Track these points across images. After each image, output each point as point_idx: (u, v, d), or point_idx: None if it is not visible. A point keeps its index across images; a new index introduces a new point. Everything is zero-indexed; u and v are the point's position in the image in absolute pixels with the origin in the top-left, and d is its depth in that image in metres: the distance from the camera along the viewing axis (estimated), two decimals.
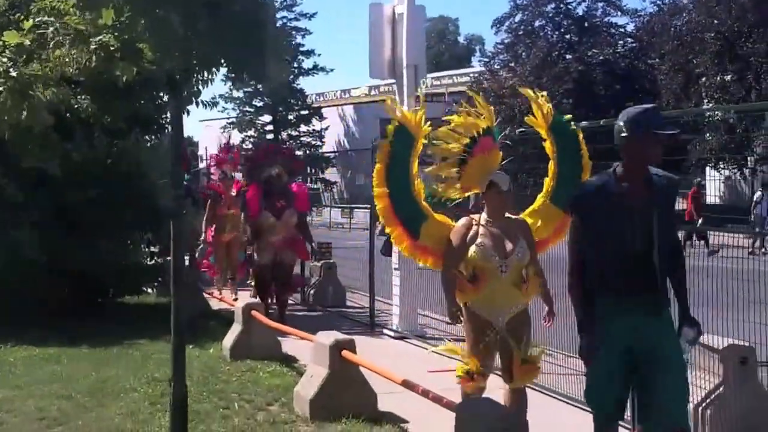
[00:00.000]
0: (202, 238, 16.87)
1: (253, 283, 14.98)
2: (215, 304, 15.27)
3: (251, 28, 5.88)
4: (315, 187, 53.45)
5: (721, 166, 38.23)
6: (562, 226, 7.26)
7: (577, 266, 5.67)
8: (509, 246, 6.93)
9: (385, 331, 12.98)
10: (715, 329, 7.36)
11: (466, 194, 7.47)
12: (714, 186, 39.35)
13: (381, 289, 14.03)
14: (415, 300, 12.99)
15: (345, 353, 8.21)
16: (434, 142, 7.30)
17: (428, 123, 7.35)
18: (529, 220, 7.34)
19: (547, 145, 7.50)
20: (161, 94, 14.22)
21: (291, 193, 14.14)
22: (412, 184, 7.26)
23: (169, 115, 14.71)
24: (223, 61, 6.12)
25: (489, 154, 7.18)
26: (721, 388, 7.19)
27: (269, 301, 13.96)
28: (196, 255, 16.78)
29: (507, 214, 7.12)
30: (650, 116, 5.51)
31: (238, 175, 16.81)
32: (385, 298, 13.93)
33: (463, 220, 7.15)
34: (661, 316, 5.55)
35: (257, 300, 12.91)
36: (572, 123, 7.59)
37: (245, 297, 14.09)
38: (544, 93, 7.58)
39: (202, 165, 26.91)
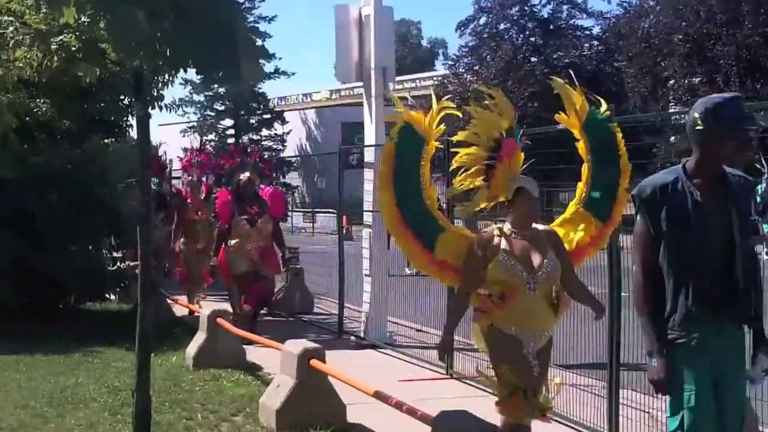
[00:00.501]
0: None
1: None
2: (179, 311, 15.08)
3: (221, 28, 5.76)
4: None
5: None
6: (599, 235, 6.75)
7: (645, 278, 5.00)
8: (537, 259, 6.22)
9: (354, 338, 12.85)
10: None
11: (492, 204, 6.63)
12: None
13: (349, 296, 13.90)
14: (386, 307, 12.88)
15: (313, 362, 8.07)
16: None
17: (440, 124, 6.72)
18: (561, 231, 6.65)
19: (581, 146, 6.80)
20: (123, 97, 14.07)
21: (263, 199, 13.53)
22: (424, 190, 6.52)
23: (131, 118, 14.65)
24: (191, 61, 5.99)
25: (513, 157, 6.47)
26: None
27: (238, 311, 13.24)
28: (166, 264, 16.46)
29: (534, 224, 6.40)
30: (732, 107, 4.88)
31: (207, 179, 16.56)
32: (354, 304, 13.81)
33: (484, 231, 6.45)
34: (741, 335, 5.01)
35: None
36: (611, 120, 6.85)
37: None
38: (576, 85, 6.81)
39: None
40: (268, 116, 60.42)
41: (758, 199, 24.76)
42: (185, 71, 6.12)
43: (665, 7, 39.33)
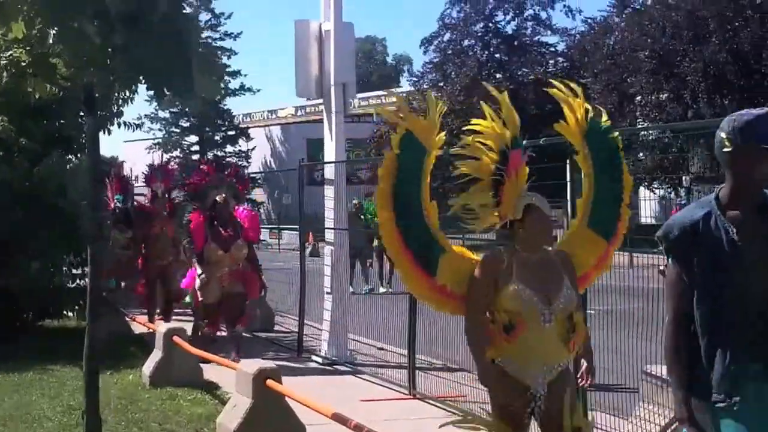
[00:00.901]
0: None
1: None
2: (137, 328, 14.95)
3: (174, 43, 5.72)
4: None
5: (656, 185, 38.78)
6: (605, 256, 6.11)
7: (676, 332, 4.35)
8: (553, 287, 5.53)
9: (314, 357, 12.78)
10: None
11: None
12: (648, 206, 39.92)
13: (311, 313, 13.83)
14: (347, 325, 12.82)
15: (270, 383, 7.99)
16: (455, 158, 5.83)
17: (442, 132, 5.99)
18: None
19: (580, 158, 6.14)
20: (82, 114, 13.98)
21: (238, 222, 12.83)
22: (426, 208, 5.77)
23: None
24: (142, 78, 5.94)
25: (520, 171, 5.76)
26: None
27: (215, 334, 12.97)
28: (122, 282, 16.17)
29: (545, 246, 5.75)
30: (763, 122, 4.22)
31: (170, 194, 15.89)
32: (316, 322, 13.73)
33: (490, 253, 5.78)
34: None
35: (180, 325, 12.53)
36: (612, 130, 6.23)
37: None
38: (578, 90, 6.10)
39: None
40: (233, 132, 60.39)
41: None
42: (136, 88, 6.07)
43: (630, 23, 39.58)
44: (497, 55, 49.78)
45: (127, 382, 11.07)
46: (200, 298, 12.71)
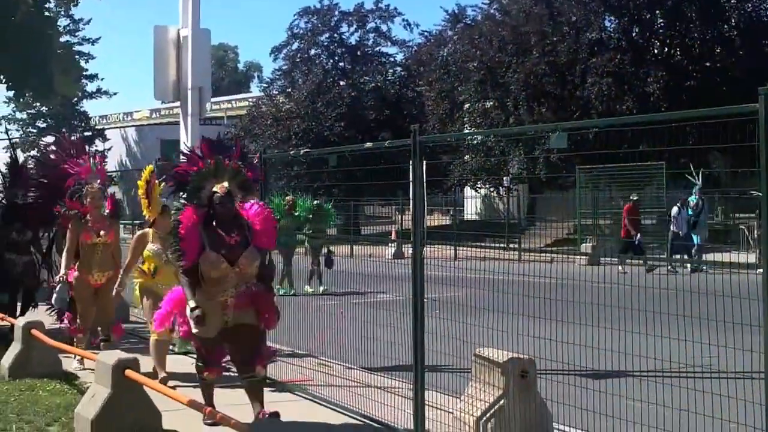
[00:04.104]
0: (60, 276, 11.18)
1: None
2: None
3: (33, 44, 5.37)
4: None
5: (479, 185, 39.44)
6: None
7: None
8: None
9: (171, 347, 12.37)
10: (498, 342, 7.23)
11: None
12: (472, 204, 40.65)
13: None
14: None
15: (128, 372, 7.67)
16: None
17: None
18: None
19: None
20: None
21: (246, 222, 8.13)
22: None
23: None
24: (1, 77, 5.56)
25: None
26: (502, 401, 7.08)
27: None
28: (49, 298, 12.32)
29: None
30: None
31: (111, 189, 12.45)
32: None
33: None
34: None
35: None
36: None
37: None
38: None
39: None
40: (90, 134, 58.97)
41: (689, 211, 25.31)
42: None
43: (462, 37, 40.12)
44: (341, 64, 49.83)
45: None
46: (195, 331, 8.12)
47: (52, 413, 8.57)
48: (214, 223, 7.98)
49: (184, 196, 8.18)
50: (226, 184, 7.96)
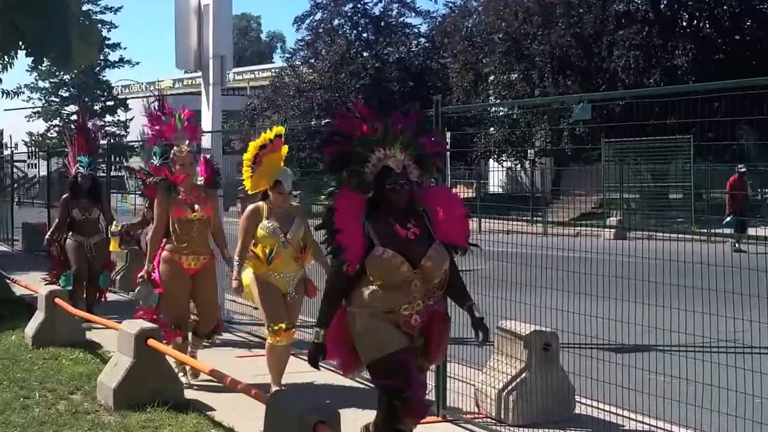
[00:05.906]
0: (143, 272, 8.94)
1: None
2: (19, 291, 14.32)
3: (53, 11, 5.39)
4: (120, 174, 52.31)
5: (504, 158, 39.28)
6: None
7: None
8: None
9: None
10: (521, 315, 7.25)
11: None
12: (496, 176, 40.52)
13: None
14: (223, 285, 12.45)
15: (150, 342, 7.73)
16: None
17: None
18: None
19: None
20: None
21: (425, 209, 5.70)
22: None
23: None
24: (21, 43, 5.59)
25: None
26: (524, 374, 7.10)
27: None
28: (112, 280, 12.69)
29: None
30: None
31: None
32: None
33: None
34: None
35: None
36: None
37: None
38: None
39: (6, 152, 22.96)
40: (112, 103, 59.02)
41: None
42: (15, 53, 5.71)
43: (487, 8, 39.86)
44: (365, 35, 49.65)
45: (9, 342, 10.62)
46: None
47: (75, 382, 8.65)
48: (379, 211, 5.44)
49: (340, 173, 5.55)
50: (401, 157, 5.47)
